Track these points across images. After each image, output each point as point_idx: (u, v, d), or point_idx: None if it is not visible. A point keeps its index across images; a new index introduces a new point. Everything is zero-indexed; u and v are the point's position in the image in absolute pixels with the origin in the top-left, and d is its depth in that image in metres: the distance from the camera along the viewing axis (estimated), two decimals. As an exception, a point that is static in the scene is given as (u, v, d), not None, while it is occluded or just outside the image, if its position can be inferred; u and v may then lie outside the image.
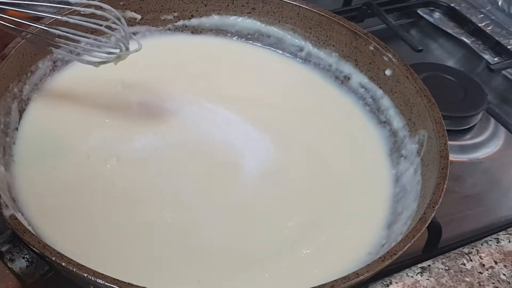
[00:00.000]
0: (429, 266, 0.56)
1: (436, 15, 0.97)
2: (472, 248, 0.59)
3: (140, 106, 0.68)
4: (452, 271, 0.56)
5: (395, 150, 0.67)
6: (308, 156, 0.66)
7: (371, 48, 0.72)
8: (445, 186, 0.56)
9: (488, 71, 0.86)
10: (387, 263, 0.50)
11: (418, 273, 0.56)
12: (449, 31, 0.94)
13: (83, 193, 0.59)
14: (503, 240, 0.60)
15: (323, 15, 0.74)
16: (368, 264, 0.50)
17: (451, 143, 0.61)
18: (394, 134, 0.68)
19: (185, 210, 0.59)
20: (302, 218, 0.60)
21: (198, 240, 0.57)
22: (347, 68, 0.74)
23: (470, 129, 0.80)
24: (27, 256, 0.50)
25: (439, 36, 0.96)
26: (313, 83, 0.75)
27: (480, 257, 0.57)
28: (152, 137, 0.65)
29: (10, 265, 0.49)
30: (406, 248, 0.51)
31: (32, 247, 0.48)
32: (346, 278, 0.48)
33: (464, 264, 0.57)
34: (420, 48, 0.86)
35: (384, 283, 0.54)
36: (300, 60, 0.77)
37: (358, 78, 0.73)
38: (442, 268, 0.56)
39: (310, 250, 0.57)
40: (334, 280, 0.48)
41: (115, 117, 0.66)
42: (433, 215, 0.54)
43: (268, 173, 0.64)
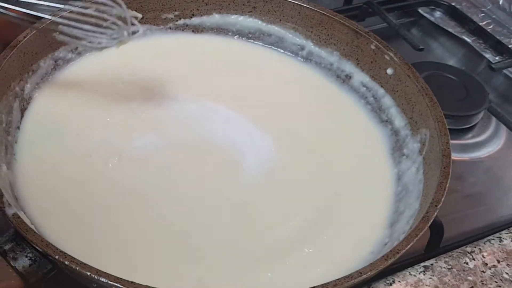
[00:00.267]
0: (431, 265, 0.56)
1: (437, 14, 0.97)
2: (475, 247, 0.59)
3: (141, 105, 0.68)
4: (454, 270, 0.56)
5: (397, 149, 0.67)
6: (310, 155, 0.66)
7: (373, 47, 0.72)
8: (447, 185, 0.56)
9: (489, 70, 0.86)
10: (389, 262, 0.50)
11: (421, 272, 0.56)
12: (450, 30, 0.94)
13: (85, 191, 0.58)
14: (506, 239, 0.60)
15: (324, 14, 0.74)
16: (371, 263, 0.50)
17: (452, 142, 0.61)
18: (395, 133, 0.68)
19: (186, 209, 0.59)
20: (304, 217, 0.60)
21: (199, 239, 0.57)
22: (348, 67, 0.74)
23: (471, 128, 0.80)
24: (30, 255, 0.49)
25: (440, 35, 0.96)
26: (314, 82, 0.75)
27: (483, 256, 0.57)
28: (153, 136, 0.65)
29: (13, 263, 0.49)
30: (408, 247, 0.51)
31: (35, 246, 0.48)
32: (349, 277, 0.48)
33: (467, 263, 0.57)
34: (421, 47, 0.86)
35: (387, 282, 0.54)
36: (301, 59, 0.77)
37: (359, 77, 0.73)
38: (444, 267, 0.56)
39: (312, 249, 0.57)
40: (337, 279, 0.48)
41: (117, 116, 0.66)
42: (435, 214, 0.54)
43: (270, 172, 0.64)
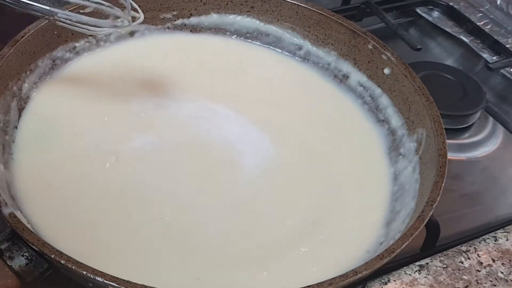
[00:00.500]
0: (427, 264, 0.56)
1: (435, 14, 0.98)
2: (470, 246, 0.59)
3: (139, 105, 0.68)
4: (450, 269, 0.56)
5: (394, 149, 0.67)
6: (307, 154, 0.67)
7: (370, 46, 0.72)
8: (443, 185, 0.56)
9: (487, 70, 0.86)
10: (385, 261, 0.50)
11: (416, 271, 0.56)
12: (448, 30, 0.94)
13: (82, 191, 0.59)
14: (501, 238, 0.60)
15: (322, 14, 0.74)
16: (367, 262, 0.50)
17: (449, 141, 0.61)
18: (392, 132, 0.68)
19: (184, 209, 0.59)
20: (300, 216, 0.60)
21: (197, 238, 0.57)
22: (345, 66, 0.74)
23: (468, 127, 0.80)
24: (27, 254, 0.49)
25: (438, 35, 0.96)
26: (311, 81, 0.75)
27: (478, 255, 0.58)
28: (151, 135, 0.65)
29: (9, 263, 0.49)
30: (404, 246, 0.51)
31: (31, 245, 0.48)
32: (345, 276, 0.48)
33: (462, 262, 0.57)
34: (418, 47, 0.86)
35: (382, 281, 0.55)
36: (299, 59, 0.77)
37: (356, 76, 0.73)
38: (440, 266, 0.56)
39: (308, 248, 0.57)
40: (333, 278, 0.48)
41: (115, 115, 0.66)
42: (431, 213, 0.54)
43: (267, 171, 0.64)
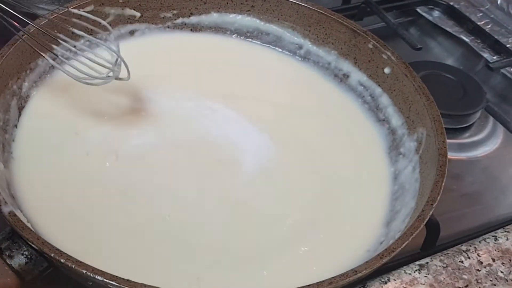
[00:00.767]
0: (427, 263, 0.56)
1: (435, 13, 0.98)
2: (470, 246, 0.59)
3: (139, 103, 0.68)
4: (450, 269, 0.56)
5: (394, 148, 0.67)
6: (307, 153, 0.66)
7: (370, 46, 0.72)
8: (443, 184, 0.56)
9: (487, 70, 0.86)
10: (385, 260, 0.50)
11: (416, 270, 0.56)
12: (448, 29, 0.94)
13: (82, 190, 0.59)
14: (501, 238, 0.60)
15: (322, 13, 0.74)
16: (366, 261, 0.50)
17: (449, 141, 0.61)
18: (392, 132, 0.68)
19: (184, 207, 0.59)
20: (300, 216, 0.60)
21: (197, 237, 0.57)
22: (346, 66, 0.74)
23: (468, 127, 0.80)
24: (26, 253, 0.49)
25: (438, 34, 0.96)
26: (312, 81, 0.75)
27: (478, 254, 0.58)
28: (151, 134, 0.65)
29: (9, 261, 0.49)
30: (404, 245, 0.51)
31: (31, 244, 0.48)
32: (344, 275, 0.48)
33: (462, 262, 0.57)
34: (419, 46, 0.86)
35: (382, 280, 0.54)
36: (299, 58, 0.77)
37: (357, 76, 0.73)
38: (440, 266, 0.56)
39: (308, 247, 0.57)
40: (333, 277, 0.48)
41: (114, 114, 0.66)
42: (431, 213, 0.54)
43: (267, 170, 0.64)
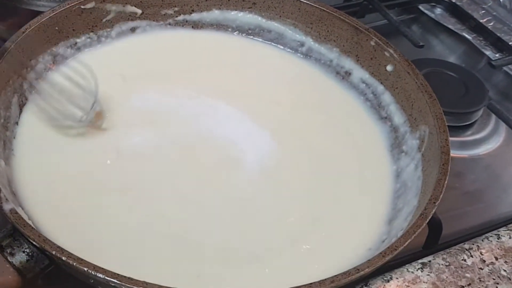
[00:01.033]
0: (429, 261, 0.56)
1: (438, 10, 0.97)
2: (473, 244, 0.58)
3: (140, 101, 0.68)
4: (452, 267, 0.56)
5: (396, 146, 0.67)
6: (309, 151, 0.66)
7: (372, 43, 0.71)
8: (446, 182, 0.56)
9: (490, 67, 0.86)
10: (387, 258, 0.50)
11: (419, 268, 0.55)
12: (450, 27, 0.94)
13: (83, 187, 0.58)
14: (504, 236, 0.60)
15: (324, 10, 0.74)
16: (369, 260, 0.50)
17: (451, 139, 0.61)
18: (395, 129, 0.68)
19: (185, 205, 0.59)
20: (302, 214, 0.60)
21: (197, 235, 0.57)
22: (348, 63, 0.74)
23: (471, 125, 0.80)
24: (27, 250, 0.49)
25: (440, 32, 0.96)
26: (313, 78, 0.75)
27: (481, 253, 0.57)
28: (152, 132, 0.65)
29: (10, 259, 0.49)
30: (406, 243, 0.51)
31: (32, 241, 0.48)
32: (347, 274, 0.48)
33: (465, 260, 0.57)
34: (421, 43, 0.86)
35: (385, 278, 0.54)
36: (301, 56, 0.77)
37: (359, 73, 0.73)
38: (442, 264, 0.56)
39: (310, 245, 0.57)
40: (335, 276, 0.48)
41: (115, 111, 0.66)
42: (433, 211, 0.54)
43: (269, 168, 0.64)
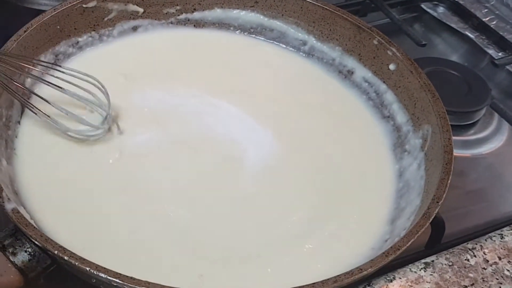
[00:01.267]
0: (432, 261, 0.56)
1: (440, 9, 0.97)
2: (476, 244, 0.58)
3: (142, 100, 0.68)
4: (455, 267, 0.56)
5: (399, 145, 0.67)
6: (311, 150, 0.66)
7: (375, 42, 0.71)
8: (449, 182, 0.56)
9: (492, 66, 0.86)
10: (390, 258, 0.50)
11: (422, 268, 0.55)
12: (453, 25, 0.94)
13: (85, 187, 0.58)
14: (507, 236, 0.59)
15: (326, 9, 0.74)
16: (372, 259, 0.50)
17: (454, 138, 0.61)
18: (397, 129, 0.68)
19: (187, 204, 0.59)
20: (304, 213, 0.60)
21: (200, 234, 0.57)
22: (350, 62, 0.74)
23: (473, 124, 0.80)
24: (30, 250, 0.50)
25: (443, 30, 0.96)
26: (316, 77, 0.75)
27: (484, 252, 0.57)
28: (155, 131, 0.65)
29: (12, 258, 0.49)
30: (409, 243, 0.51)
31: (34, 241, 0.48)
32: (350, 273, 0.48)
33: (468, 260, 0.56)
34: (423, 42, 0.86)
35: (388, 278, 0.54)
36: (303, 54, 0.77)
37: (361, 72, 0.73)
38: (445, 264, 0.56)
39: (313, 245, 0.57)
40: (337, 275, 0.48)
41: (117, 110, 0.66)
42: (436, 210, 0.53)
43: (271, 167, 0.63)
